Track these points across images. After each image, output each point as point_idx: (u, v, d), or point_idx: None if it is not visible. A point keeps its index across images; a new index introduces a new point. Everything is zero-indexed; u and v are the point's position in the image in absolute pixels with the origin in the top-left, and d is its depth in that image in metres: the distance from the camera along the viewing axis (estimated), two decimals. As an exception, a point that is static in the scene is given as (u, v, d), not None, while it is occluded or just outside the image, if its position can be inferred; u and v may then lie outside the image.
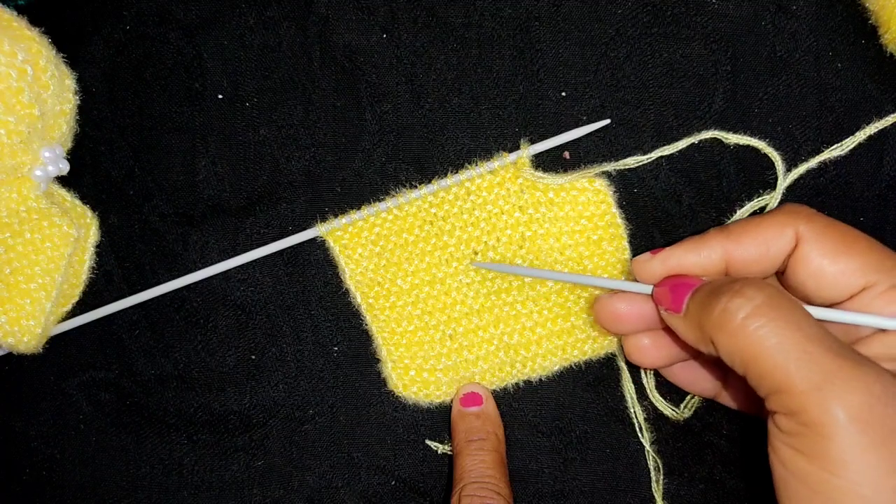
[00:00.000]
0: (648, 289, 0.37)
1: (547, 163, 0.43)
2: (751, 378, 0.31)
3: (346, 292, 0.44)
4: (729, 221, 0.41)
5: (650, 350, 0.39)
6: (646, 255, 0.37)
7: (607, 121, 0.42)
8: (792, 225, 0.34)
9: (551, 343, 0.42)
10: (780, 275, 0.36)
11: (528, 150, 0.42)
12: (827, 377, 0.28)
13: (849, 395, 0.28)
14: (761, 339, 0.30)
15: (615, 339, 0.43)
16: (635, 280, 0.38)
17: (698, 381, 0.40)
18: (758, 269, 0.35)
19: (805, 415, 0.28)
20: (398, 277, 0.43)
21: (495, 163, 0.42)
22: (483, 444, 0.41)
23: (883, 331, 0.33)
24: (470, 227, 0.43)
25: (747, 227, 0.35)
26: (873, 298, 0.33)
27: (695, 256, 0.36)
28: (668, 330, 0.37)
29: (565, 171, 0.43)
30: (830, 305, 0.34)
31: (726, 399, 0.40)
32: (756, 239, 0.35)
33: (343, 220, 0.43)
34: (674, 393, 0.43)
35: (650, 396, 0.43)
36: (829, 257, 0.33)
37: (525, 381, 0.43)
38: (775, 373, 0.29)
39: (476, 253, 0.43)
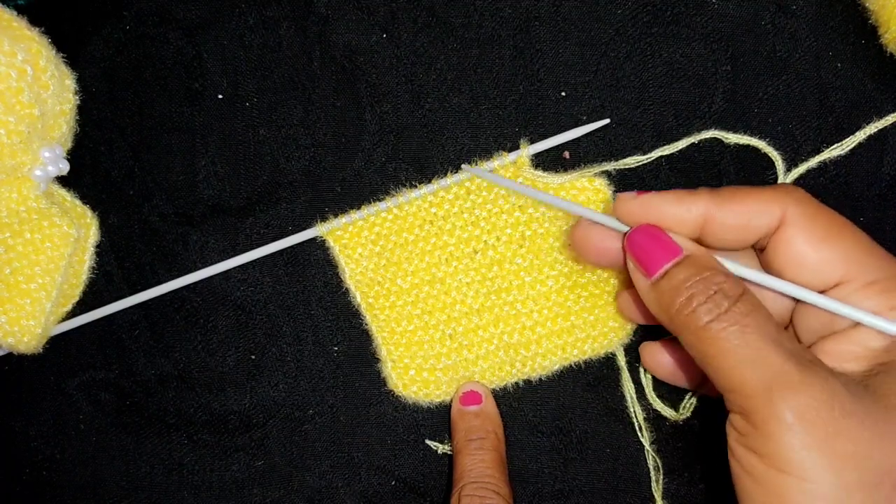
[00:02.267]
0: (625, 228, 0.36)
1: (547, 163, 0.43)
2: (708, 373, 0.32)
3: (346, 292, 0.44)
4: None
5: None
6: (630, 194, 0.36)
7: (607, 120, 0.42)
8: (780, 203, 0.34)
9: (551, 342, 0.42)
10: (760, 251, 0.36)
11: (527, 150, 0.42)
12: (776, 378, 0.30)
13: (795, 397, 0.29)
14: (722, 340, 0.31)
15: (615, 339, 0.42)
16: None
17: (679, 372, 0.41)
18: (733, 239, 0.35)
19: (756, 415, 0.30)
20: (398, 277, 0.43)
21: (495, 162, 0.42)
22: (483, 443, 0.41)
23: (857, 325, 0.33)
24: (470, 227, 0.43)
25: (736, 194, 0.35)
26: (850, 293, 0.33)
27: (676, 208, 0.35)
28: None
29: (565, 170, 0.43)
30: None
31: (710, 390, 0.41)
32: (740, 208, 0.34)
33: (343, 219, 0.43)
34: (673, 393, 0.43)
35: (648, 397, 0.43)
36: (812, 244, 0.33)
37: (525, 381, 0.43)
38: (731, 373, 0.31)
39: (476, 252, 0.43)
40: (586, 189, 0.42)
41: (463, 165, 0.43)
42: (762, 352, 0.30)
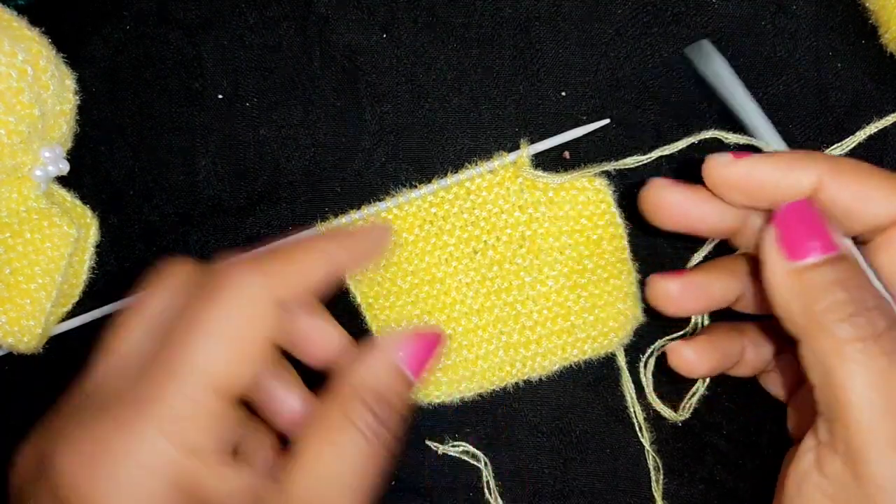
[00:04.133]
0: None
1: (547, 163, 0.43)
2: (820, 394, 0.28)
3: (346, 292, 0.44)
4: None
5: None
6: (726, 156, 0.32)
7: (607, 120, 0.42)
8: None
9: (551, 342, 0.42)
10: (860, 245, 0.31)
11: (527, 150, 0.42)
12: None
13: None
14: (859, 368, 0.27)
15: (615, 339, 0.42)
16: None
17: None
18: (836, 222, 0.30)
19: (865, 467, 0.26)
20: (398, 277, 0.43)
21: (495, 162, 0.42)
22: None
23: None
24: (470, 227, 0.43)
25: (858, 168, 0.30)
26: None
27: (787, 177, 0.30)
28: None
29: (565, 170, 0.43)
30: None
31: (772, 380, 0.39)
32: (860, 187, 0.29)
33: (343, 219, 0.43)
34: (673, 394, 0.43)
35: (648, 398, 0.43)
36: None
37: (525, 381, 0.43)
38: (852, 406, 0.26)
39: (476, 252, 0.43)
40: (586, 189, 0.42)
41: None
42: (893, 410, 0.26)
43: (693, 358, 0.37)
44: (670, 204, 0.34)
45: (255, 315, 0.30)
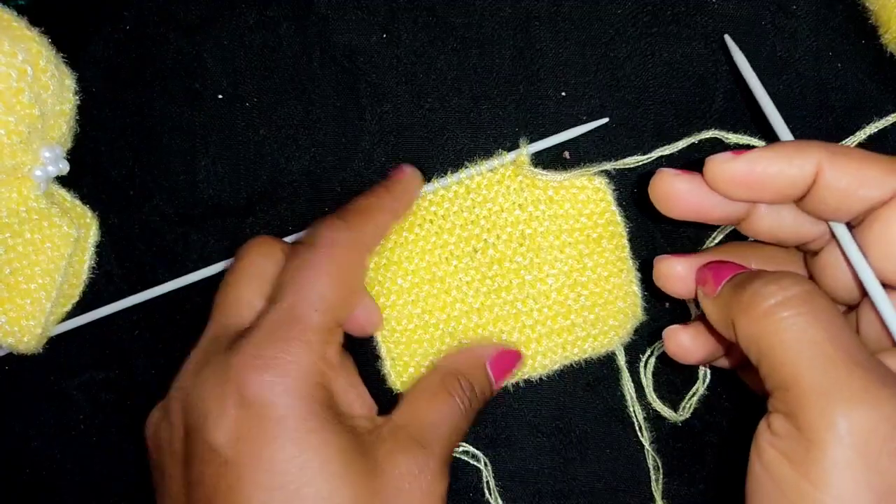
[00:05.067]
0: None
1: (547, 163, 0.43)
2: (762, 370, 0.29)
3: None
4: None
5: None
6: (726, 155, 0.33)
7: (606, 119, 0.42)
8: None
9: (551, 341, 0.42)
10: (854, 227, 0.33)
11: (527, 149, 0.42)
12: (837, 384, 0.27)
13: (857, 410, 0.26)
14: (782, 330, 0.28)
15: (615, 337, 0.42)
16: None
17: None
18: (835, 207, 0.31)
19: (802, 417, 0.27)
20: (398, 276, 0.43)
21: (495, 161, 0.42)
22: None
23: None
24: (470, 226, 0.43)
25: (852, 153, 0.31)
26: None
27: (788, 168, 0.31)
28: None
29: (565, 170, 0.43)
30: None
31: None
32: (856, 170, 0.30)
33: None
34: (673, 394, 0.43)
35: (648, 398, 0.43)
36: None
37: (525, 381, 0.43)
38: (785, 367, 0.28)
39: (476, 251, 0.43)
40: (586, 187, 0.42)
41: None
42: (828, 351, 0.27)
43: (689, 344, 0.38)
44: (679, 193, 0.35)
45: (353, 261, 0.38)
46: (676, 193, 0.35)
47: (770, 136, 0.39)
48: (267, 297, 0.37)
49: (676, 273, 0.37)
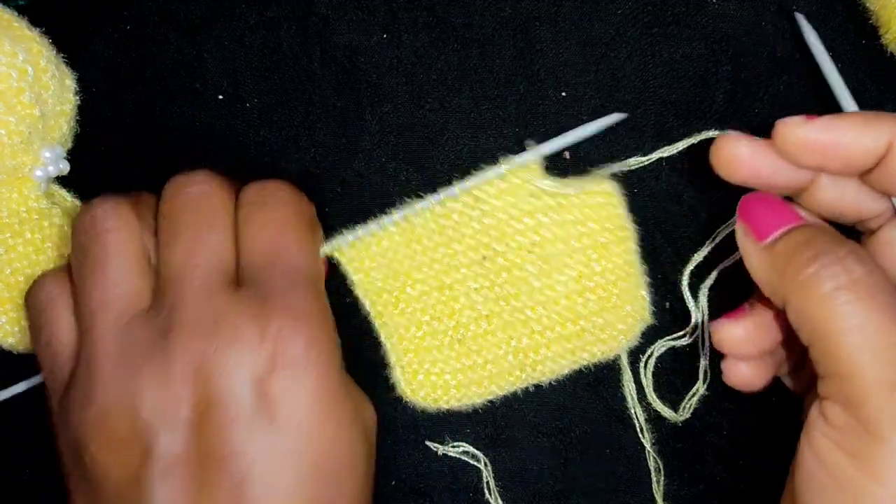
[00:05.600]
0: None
1: (547, 163, 0.43)
2: (814, 352, 0.28)
3: (347, 292, 0.44)
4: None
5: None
6: (799, 119, 0.32)
7: (624, 115, 0.42)
8: None
9: (560, 346, 0.42)
10: None
11: (537, 153, 0.41)
12: None
13: None
14: (844, 316, 0.27)
15: (623, 341, 0.42)
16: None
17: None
18: None
19: (865, 410, 0.26)
20: (407, 285, 0.42)
21: (503, 167, 0.41)
22: None
23: None
24: (479, 234, 0.42)
25: None
26: None
27: (863, 136, 0.31)
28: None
29: (565, 171, 0.42)
30: None
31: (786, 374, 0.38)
32: None
33: (348, 236, 0.42)
34: (673, 394, 0.43)
35: (649, 398, 0.43)
36: None
37: (528, 384, 0.43)
38: (844, 356, 0.27)
39: (485, 259, 0.42)
40: (595, 193, 0.41)
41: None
42: (895, 341, 0.26)
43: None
44: (742, 157, 0.34)
45: None
46: (740, 157, 0.34)
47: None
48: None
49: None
